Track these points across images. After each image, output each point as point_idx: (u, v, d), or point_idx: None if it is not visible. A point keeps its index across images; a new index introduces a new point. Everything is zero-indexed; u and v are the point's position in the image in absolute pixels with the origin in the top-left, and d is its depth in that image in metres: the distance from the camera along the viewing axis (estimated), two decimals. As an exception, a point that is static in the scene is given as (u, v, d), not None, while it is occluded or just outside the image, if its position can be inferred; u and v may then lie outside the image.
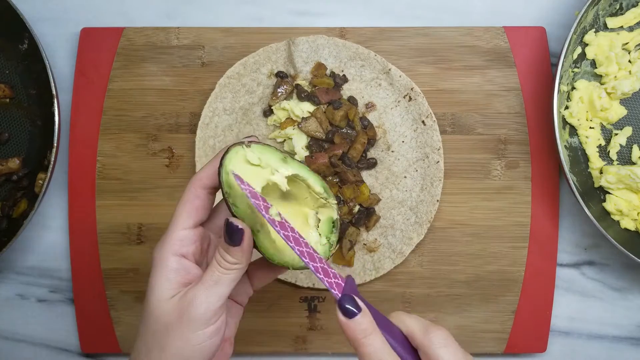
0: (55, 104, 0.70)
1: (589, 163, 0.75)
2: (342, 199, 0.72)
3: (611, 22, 0.75)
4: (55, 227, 0.78)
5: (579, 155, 0.75)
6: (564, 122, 0.74)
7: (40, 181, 0.72)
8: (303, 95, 0.74)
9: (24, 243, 0.78)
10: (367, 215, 0.74)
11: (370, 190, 0.74)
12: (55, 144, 0.70)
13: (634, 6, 0.75)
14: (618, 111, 0.75)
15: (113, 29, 0.78)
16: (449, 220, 0.76)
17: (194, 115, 0.77)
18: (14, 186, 0.75)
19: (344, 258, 0.73)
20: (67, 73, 0.79)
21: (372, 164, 0.75)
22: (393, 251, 0.74)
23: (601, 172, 0.74)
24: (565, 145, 0.74)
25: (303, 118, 0.73)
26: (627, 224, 0.73)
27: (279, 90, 0.75)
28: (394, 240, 0.74)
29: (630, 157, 0.75)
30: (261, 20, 0.80)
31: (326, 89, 0.74)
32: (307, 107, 0.74)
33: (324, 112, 0.73)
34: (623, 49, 0.75)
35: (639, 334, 0.77)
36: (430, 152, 0.75)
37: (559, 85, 0.70)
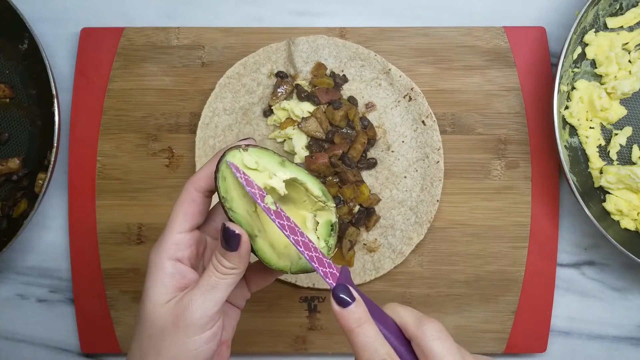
0: (55, 104, 0.70)
1: (589, 163, 0.75)
2: (342, 199, 0.72)
3: (611, 22, 0.75)
4: (55, 227, 0.78)
5: (579, 155, 0.75)
6: (564, 122, 0.74)
7: (40, 181, 0.72)
8: (303, 95, 0.74)
9: (24, 243, 0.78)
10: (367, 215, 0.74)
11: (370, 190, 0.74)
12: (55, 144, 0.70)
13: (634, 6, 0.75)
14: (618, 111, 0.75)
15: (113, 29, 0.78)
16: (449, 220, 0.76)
17: (194, 115, 0.77)
18: (14, 186, 0.75)
19: (344, 258, 0.73)
20: (67, 73, 0.79)
21: (372, 164, 0.75)
22: (393, 251, 0.74)
23: (601, 172, 0.74)
24: (565, 145, 0.74)
25: (303, 118, 0.73)
26: (627, 224, 0.73)
27: (279, 90, 0.75)
28: (394, 240, 0.74)
29: (630, 157, 0.75)
30: (261, 20, 0.80)
31: (326, 89, 0.74)
32: (307, 107, 0.74)
33: (324, 112, 0.73)
34: (623, 49, 0.75)
35: (639, 334, 0.77)
36: (430, 152, 0.75)
37: (559, 85, 0.70)
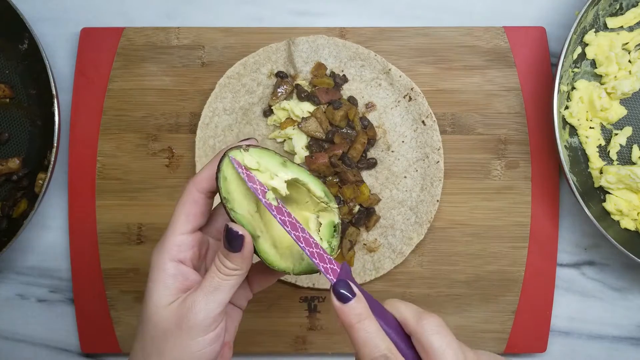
0: (55, 104, 0.70)
1: (589, 163, 0.75)
2: (342, 199, 0.72)
3: (611, 22, 0.75)
4: (55, 227, 0.78)
5: (579, 155, 0.75)
6: (564, 122, 0.74)
7: (40, 181, 0.72)
8: (303, 95, 0.74)
9: (24, 243, 0.78)
10: (367, 215, 0.74)
11: (370, 190, 0.74)
12: (55, 144, 0.70)
13: (634, 6, 0.75)
14: (618, 111, 0.75)
15: (113, 29, 0.78)
16: (449, 220, 0.76)
17: (194, 115, 0.77)
18: (14, 186, 0.75)
19: (344, 258, 0.73)
20: (67, 73, 0.79)
21: (372, 164, 0.75)
22: (393, 251, 0.74)
23: (601, 172, 0.74)
24: (565, 145, 0.74)
25: (303, 118, 0.73)
26: (627, 224, 0.73)
27: (279, 90, 0.75)
28: (394, 240, 0.74)
29: (630, 157, 0.75)
30: (261, 20, 0.80)
31: (326, 89, 0.74)
32: (307, 107, 0.74)
33: (324, 112, 0.73)
34: (623, 49, 0.75)
35: (639, 334, 0.77)
36: (430, 152, 0.74)
37: (559, 85, 0.70)
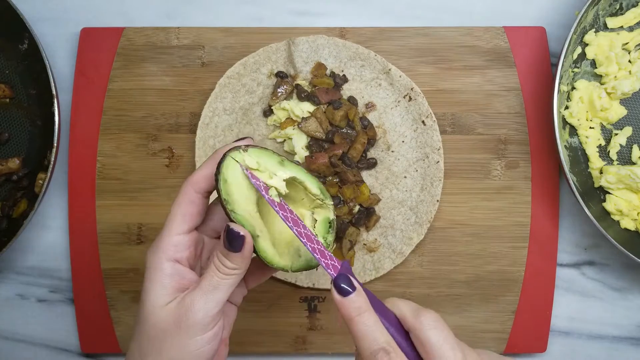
0: (55, 104, 0.70)
1: (589, 163, 0.75)
2: (342, 199, 0.72)
3: (611, 22, 0.75)
4: (55, 227, 0.78)
5: (579, 155, 0.75)
6: (564, 122, 0.74)
7: (40, 181, 0.72)
8: (303, 95, 0.74)
9: (24, 243, 0.78)
10: (367, 215, 0.74)
11: (370, 190, 0.74)
12: (55, 144, 0.70)
13: (634, 6, 0.75)
14: (618, 111, 0.75)
15: (113, 29, 0.78)
16: (449, 220, 0.76)
17: (194, 115, 0.77)
18: (14, 186, 0.75)
19: (344, 258, 0.73)
20: (67, 73, 0.79)
21: (372, 164, 0.75)
22: (393, 251, 0.74)
23: (601, 172, 0.74)
24: (565, 145, 0.74)
25: (303, 118, 0.73)
26: (627, 224, 0.73)
27: (279, 90, 0.75)
28: (394, 240, 0.74)
29: (630, 157, 0.75)
30: (261, 20, 0.80)
31: (326, 89, 0.74)
32: (307, 107, 0.74)
33: (324, 112, 0.73)
34: (623, 49, 0.75)
35: (639, 334, 0.77)
36: (430, 152, 0.74)
37: (559, 85, 0.70)
